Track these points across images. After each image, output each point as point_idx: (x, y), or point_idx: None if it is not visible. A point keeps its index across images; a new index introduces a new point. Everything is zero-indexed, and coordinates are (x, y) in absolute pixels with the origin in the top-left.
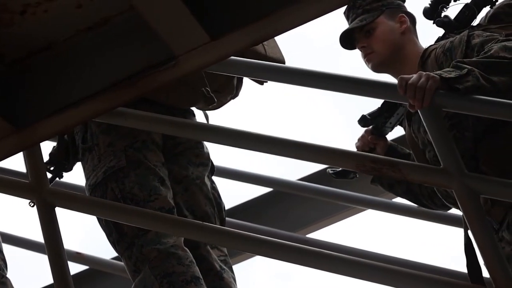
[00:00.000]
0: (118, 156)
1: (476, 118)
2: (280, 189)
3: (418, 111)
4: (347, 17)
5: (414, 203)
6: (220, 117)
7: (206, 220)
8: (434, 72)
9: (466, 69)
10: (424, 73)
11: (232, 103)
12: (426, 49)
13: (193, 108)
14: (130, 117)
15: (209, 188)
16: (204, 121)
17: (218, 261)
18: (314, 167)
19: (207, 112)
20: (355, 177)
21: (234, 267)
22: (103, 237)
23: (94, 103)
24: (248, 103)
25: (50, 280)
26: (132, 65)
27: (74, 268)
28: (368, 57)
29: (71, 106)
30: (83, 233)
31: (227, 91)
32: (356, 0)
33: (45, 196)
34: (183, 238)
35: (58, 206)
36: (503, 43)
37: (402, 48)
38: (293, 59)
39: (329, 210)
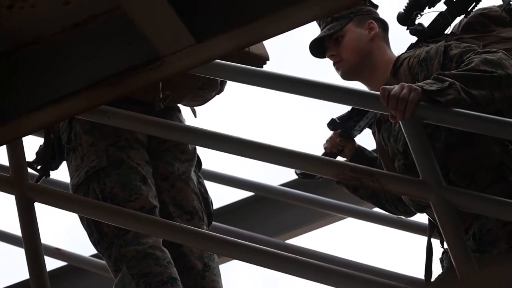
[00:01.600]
0: (99, 156)
1: (448, 130)
2: (261, 193)
3: (400, 122)
4: (319, 25)
5: (377, 207)
6: (207, 118)
7: (194, 214)
8: (416, 84)
9: (447, 82)
10: (406, 84)
11: (219, 107)
12: (399, 57)
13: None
14: (114, 116)
15: (196, 183)
16: (192, 116)
17: (204, 257)
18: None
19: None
20: (322, 177)
21: (221, 267)
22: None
23: (78, 100)
24: (233, 105)
25: (27, 275)
26: (117, 64)
27: (55, 264)
28: (337, 65)
29: (54, 102)
30: (74, 229)
31: (211, 87)
32: None
33: (25, 191)
34: (161, 239)
35: (38, 202)
36: (484, 56)
37: (370, 55)
38: (285, 62)
39: (310, 216)
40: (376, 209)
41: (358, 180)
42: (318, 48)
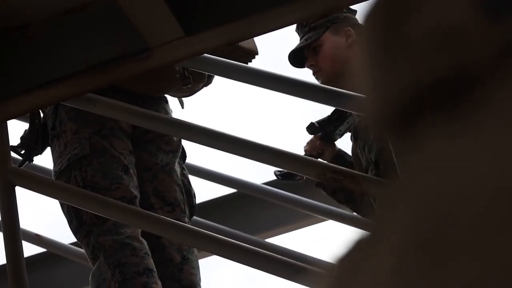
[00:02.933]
0: (82, 144)
1: None
2: (244, 191)
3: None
4: (298, 35)
5: (355, 212)
6: (195, 111)
7: (176, 206)
8: None
9: None
10: None
11: (209, 101)
12: None
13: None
14: (100, 104)
15: (179, 175)
16: (179, 106)
17: (183, 250)
18: None
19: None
20: (302, 178)
21: (204, 261)
22: None
23: (64, 86)
24: (224, 100)
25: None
26: (105, 53)
27: (34, 250)
28: (316, 75)
29: (41, 87)
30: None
31: (198, 79)
32: None
33: (6, 174)
34: (140, 230)
35: (19, 185)
36: None
37: (349, 62)
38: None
39: (291, 216)
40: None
41: (339, 182)
42: (297, 58)
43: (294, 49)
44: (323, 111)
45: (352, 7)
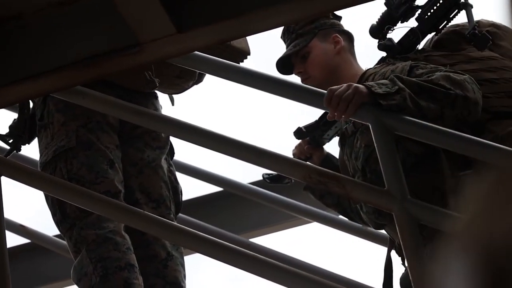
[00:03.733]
0: (69, 136)
1: (407, 151)
2: (230, 190)
3: (371, 130)
4: (284, 41)
5: (342, 215)
6: (186, 108)
7: (161, 202)
8: (366, 83)
9: (396, 87)
10: (354, 85)
11: (200, 98)
12: (365, 72)
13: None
14: (88, 97)
15: (166, 171)
16: (169, 103)
17: (168, 246)
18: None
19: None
20: (290, 182)
21: (191, 258)
22: None
23: (54, 78)
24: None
25: None
26: (96, 46)
27: (19, 240)
28: (305, 82)
29: (32, 77)
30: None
31: (189, 77)
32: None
33: None
34: (123, 224)
35: (4, 175)
36: (448, 74)
37: (337, 69)
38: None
39: (276, 217)
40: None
41: (324, 185)
42: (285, 65)
43: (282, 56)
44: (315, 113)
45: (337, 13)
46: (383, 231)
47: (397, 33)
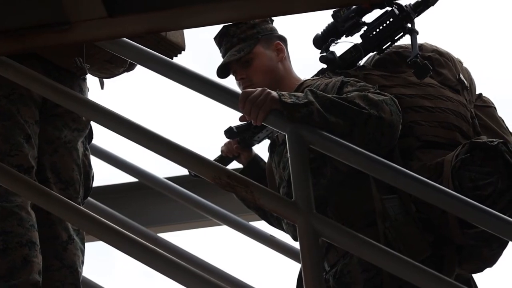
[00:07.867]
0: None
1: (335, 168)
2: (145, 182)
3: (286, 140)
4: (219, 44)
5: (264, 220)
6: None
7: (70, 185)
8: (278, 92)
9: (305, 101)
10: (267, 90)
11: (132, 87)
12: (303, 82)
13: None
14: (12, 69)
15: (80, 155)
16: (99, 86)
17: (70, 229)
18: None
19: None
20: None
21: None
22: None
23: None
24: (144, 89)
25: None
26: (25, 19)
27: None
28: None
29: None
30: None
31: (119, 63)
32: (229, 27)
33: None
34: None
35: None
36: (366, 93)
37: (280, 77)
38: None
39: (188, 215)
40: (253, 223)
41: (232, 188)
42: (222, 69)
43: (226, 61)
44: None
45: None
46: (294, 244)
47: (340, 47)
